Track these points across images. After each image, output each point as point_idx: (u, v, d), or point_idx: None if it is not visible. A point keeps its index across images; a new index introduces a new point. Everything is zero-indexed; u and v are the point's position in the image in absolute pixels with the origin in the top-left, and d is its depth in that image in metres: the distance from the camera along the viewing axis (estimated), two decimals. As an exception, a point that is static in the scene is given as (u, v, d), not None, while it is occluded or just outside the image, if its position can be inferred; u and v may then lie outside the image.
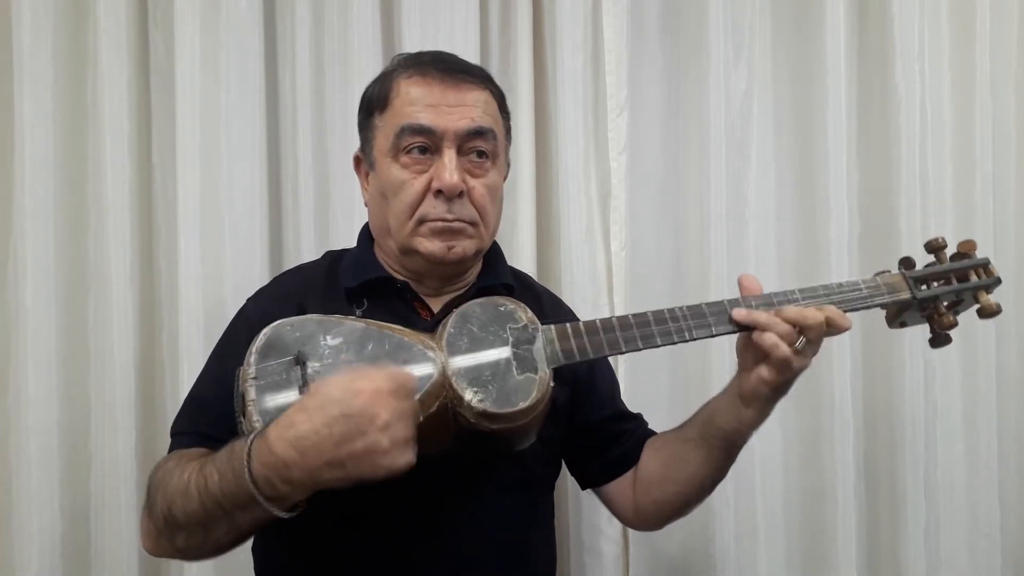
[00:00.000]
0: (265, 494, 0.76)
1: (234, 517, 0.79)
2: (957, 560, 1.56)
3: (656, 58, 1.56)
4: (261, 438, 0.76)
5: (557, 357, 0.89)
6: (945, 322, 1.00)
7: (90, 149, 1.36)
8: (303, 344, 0.83)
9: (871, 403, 1.56)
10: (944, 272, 1.01)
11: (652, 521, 1.09)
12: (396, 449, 0.74)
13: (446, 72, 0.98)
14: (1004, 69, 1.60)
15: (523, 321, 0.89)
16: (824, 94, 1.51)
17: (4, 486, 1.31)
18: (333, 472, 0.74)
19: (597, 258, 1.50)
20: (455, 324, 0.88)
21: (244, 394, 0.81)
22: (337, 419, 0.73)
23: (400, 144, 0.96)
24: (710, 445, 0.98)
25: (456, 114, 0.96)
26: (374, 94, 1.01)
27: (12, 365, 1.32)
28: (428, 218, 0.95)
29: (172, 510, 0.82)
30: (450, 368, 0.84)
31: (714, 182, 1.49)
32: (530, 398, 0.84)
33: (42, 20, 1.33)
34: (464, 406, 0.83)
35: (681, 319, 0.93)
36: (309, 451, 0.73)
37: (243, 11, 1.39)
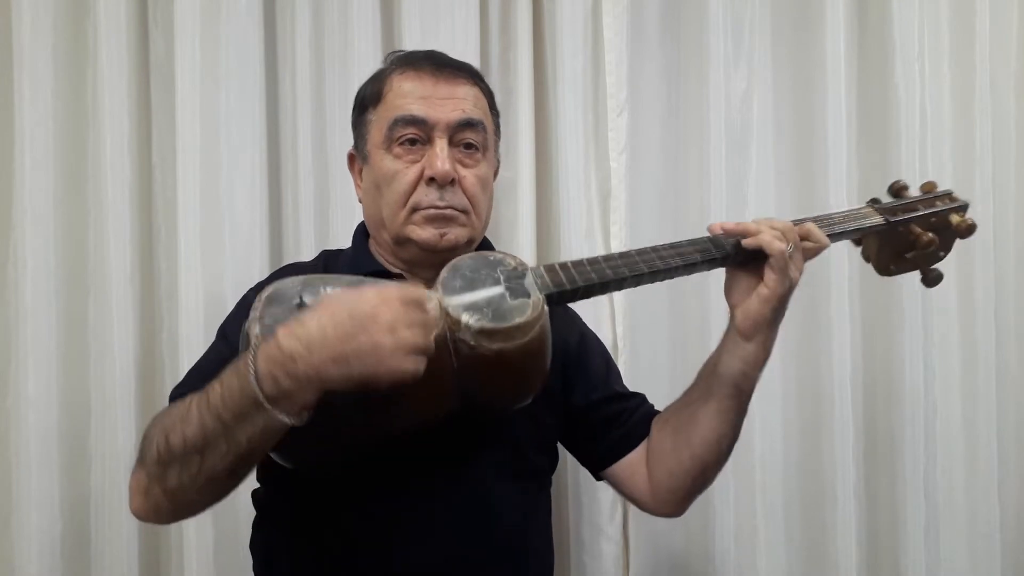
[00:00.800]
0: (268, 393, 0.75)
1: (234, 432, 0.77)
2: (957, 560, 1.56)
3: (656, 58, 1.56)
4: (267, 339, 0.77)
5: (548, 286, 0.90)
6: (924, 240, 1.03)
7: (90, 149, 1.36)
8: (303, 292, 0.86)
9: (871, 402, 1.56)
10: (911, 202, 1.05)
11: (671, 498, 1.06)
12: (400, 352, 0.75)
13: (437, 67, 1.01)
14: (1004, 69, 1.60)
15: (512, 264, 0.92)
16: (824, 94, 1.51)
17: (4, 486, 1.31)
18: (338, 368, 0.75)
19: (597, 258, 1.50)
20: (447, 271, 0.90)
21: (249, 332, 0.82)
22: (342, 316, 0.75)
23: (393, 135, 0.98)
24: (718, 397, 0.98)
25: (448, 106, 0.98)
26: (367, 91, 1.04)
27: (12, 365, 1.32)
28: (420, 206, 0.98)
29: (169, 438, 0.80)
30: (447, 302, 0.85)
31: (714, 182, 1.49)
32: (526, 314, 0.85)
33: (42, 20, 1.33)
34: (462, 328, 0.83)
35: (662, 249, 0.96)
36: (314, 344, 0.74)
37: (243, 11, 1.39)
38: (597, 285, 0.93)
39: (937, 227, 1.05)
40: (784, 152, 1.57)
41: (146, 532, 1.37)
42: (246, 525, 1.05)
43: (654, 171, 1.55)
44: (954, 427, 1.57)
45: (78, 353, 1.35)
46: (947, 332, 1.57)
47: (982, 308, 1.57)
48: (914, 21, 1.53)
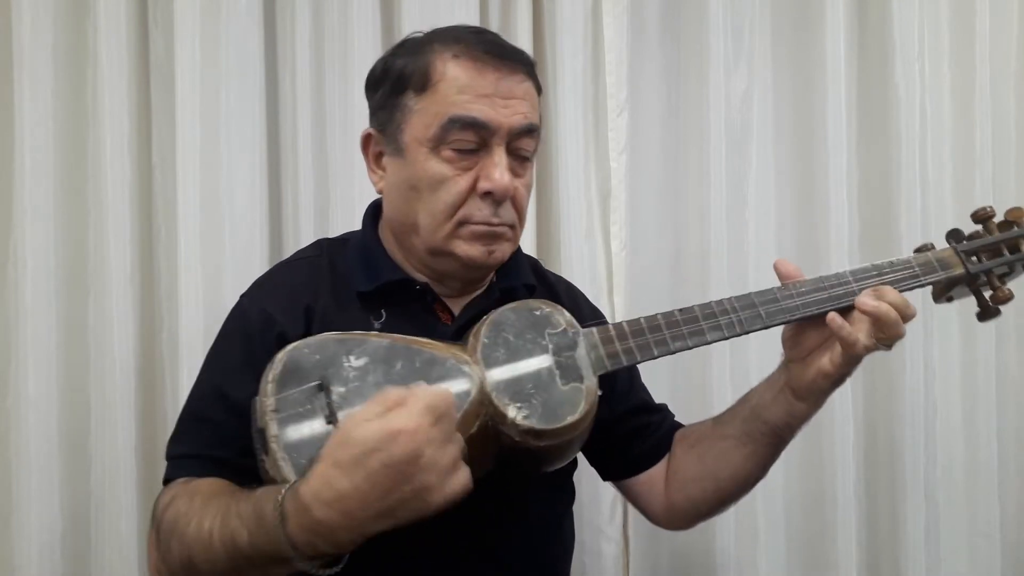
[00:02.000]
0: (306, 554, 0.69)
1: (267, 569, 0.73)
2: (957, 560, 1.56)
3: (656, 58, 1.56)
4: (293, 497, 0.68)
5: (603, 363, 0.83)
6: (1000, 296, 0.95)
7: (90, 149, 1.36)
8: (324, 367, 0.75)
9: (871, 403, 1.56)
10: (994, 243, 0.96)
11: (685, 518, 1.03)
12: (447, 479, 0.68)
13: (500, 57, 0.87)
14: (1004, 69, 1.60)
15: (562, 325, 0.83)
16: (824, 94, 1.51)
17: (4, 486, 1.31)
18: (384, 522, 0.68)
19: (597, 258, 1.50)
20: (488, 334, 0.80)
21: (264, 429, 0.73)
22: (378, 471, 0.66)
23: (446, 137, 0.86)
24: (755, 441, 0.93)
25: (510, 108, 0.86)
26: (408, 69, 0.89)
27: (12, 365, 1.31)
28: (472, 220, 0.87)
29: (194, 561, 0.75)
30: (488, 383, 0.77)
31: (714, 182, 1.49)
32: (578, 411, 0.78)
33: (42, 20, 1.32)
34: (508, 424, 0.76)
35: (731, 311, 0.87)
36: (354, 511, 0.66)
37: (243, 11, 1.39)
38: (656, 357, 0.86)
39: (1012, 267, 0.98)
40: (784, 152, 1.56)
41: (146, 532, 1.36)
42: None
43: (654, 171, 1.55)
44: (954, 427, 1.57)
45: (78, 353, 1.35)
46: (947, 332, 1.57)
47: (982, 308, 1.57)
48: (914, 21, 1.53)
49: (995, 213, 0.98)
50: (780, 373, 0.92)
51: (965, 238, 0.98)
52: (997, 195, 1.58)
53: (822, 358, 0.86)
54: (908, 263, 0.93)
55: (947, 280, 0.96)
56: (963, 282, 0.97)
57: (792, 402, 0.90)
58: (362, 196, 1.39)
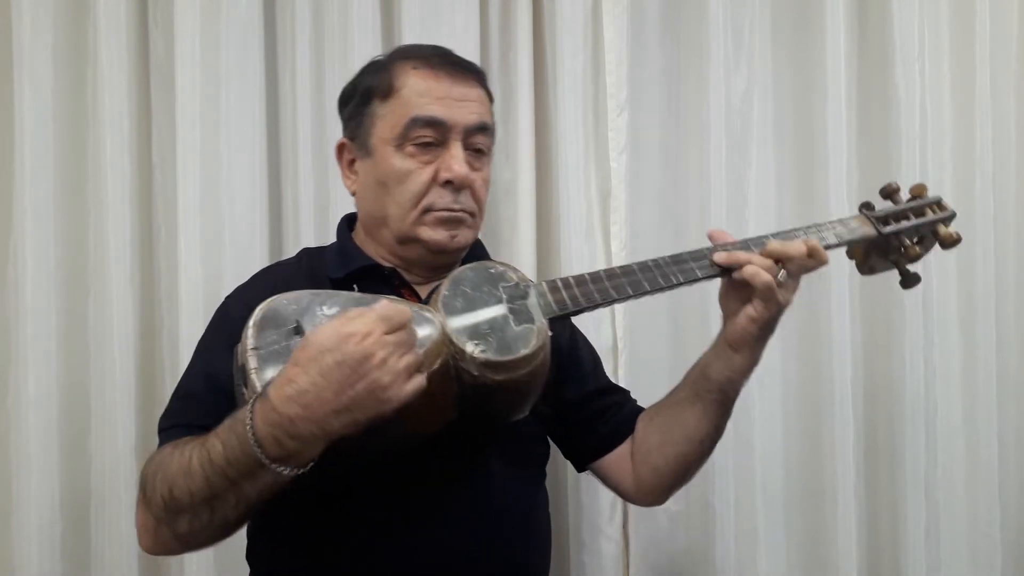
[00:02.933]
0: (272, 455, 0.75)
1: (241, 487, 0.78)
2: (957, 560, 1.56)
3: (656, 58, 1.56)
4: (262, 400, 0.76)
5: (551, 308, 0.91)
6: (912, 253, 1.08)
7: (90, 149, 1.36)
8: (300, 315, 0.83)
9: (871, 403, 1.56)
10: (902, 211, 1.10)
11: (654, 491, 1.09)
12: (399, 380, 0.75)
13: (453, 66, 1.00)
14: (1004, 69, 1.60)
15: (514, 280, 0.91)
16: (824, 94, 1.51)
17: (4, 486, 1.31)
18: (341, 418, 0.75)
19: (597, 258, 1.50)
20: (448, 288, 0.89)
21: (245, 365, 0.80)
22: (332, 368, 0.74)
23: (409, 134, 0.97)
24: (704, 400, 1.00)
25: (464, 108, 0.99)
26: (373, 82, 1.01)
27: (12, 365, 1.32)
28: (435, 207, 0.98)
29: (174, 492, 0.80)
30: (449, 326, 0.85)
31: (714, 182, 1.49)
32: (531, 345, 0.85)
33: (42, 20, 1.33)
34: (467, 359, 0.83)
35: (664, 266, 0.97)
36: (312, 404, 0.74)
37: (243, 11, 1.39)
38: (599, 303, 0.95)
39: (923, 234, 1.10)
40: (784, 152, 1.57)
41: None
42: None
43: (654, 171, 1.55)
44: (954, 427, 1.57)
45: (78, 353, 1.35)
46: (947, 332, 1.57)
47: (982, 308, 1.57)
48: (914, 21, 1.53)
49: (900, 188, 1.12)
50: (720, 332, 1.01)
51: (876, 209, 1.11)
52: (997, 195, 1.59)
53: (745, 309, 0.95)
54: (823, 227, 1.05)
55: (861, 243, 1.09)
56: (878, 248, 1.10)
57: (731, 355, 0.98)
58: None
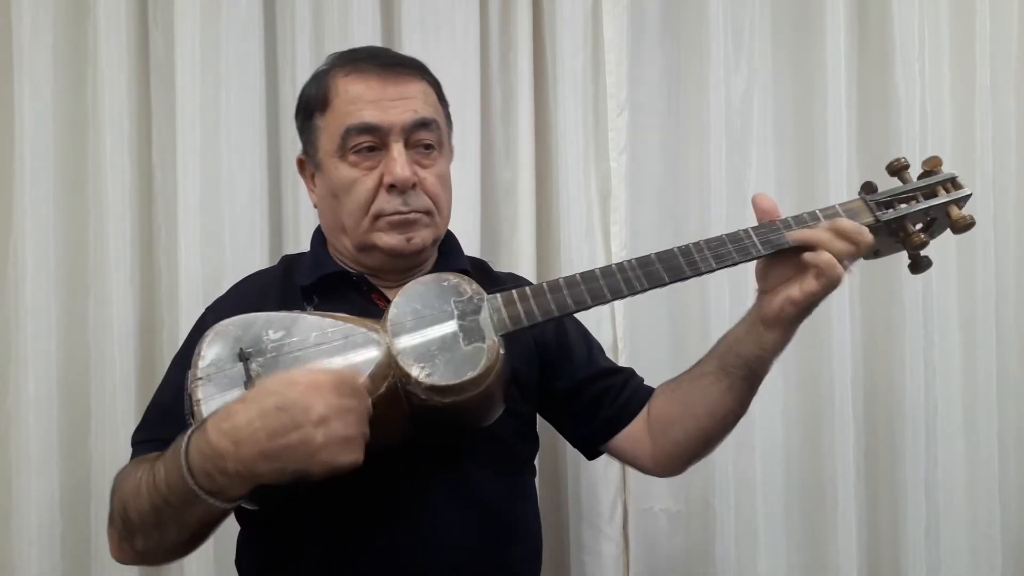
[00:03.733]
0: (204, 487, 0.74)
1: (182, 514, 0.78)
2: (957, 560, 1.56)
3: (656, 58, 1.56)
4: (200, 430, 0.76)
5: (504, 324, 0.87)
6: (915, 240, 0.95)
7: (90, 149, 1.36)
8: (245, 341, 0.83)
9: (871, 403, 1.56)
10: (910, 191, 0.97)
11: (673, 463, 1.06)
12: (333, 445, 0.73)
13: (383, 67, 0.98)
14: (1004, 69, 1.60)
15: (468, 293, 0.88)
16: (824, 94, 1.51)
17: (4, 485, 1.31)
18: (269, 464, 0.73)
19: (597, 258, 1.50)
20: (398, 304, 0.87)
21: (191, 394, 0.81)
22: (271, 411, 0.73)
23: (347, 144, 0.96)
24: (731, 376, 0.97)
25: (399, 107, 0.96)
26: (311, 95, 1.00)
27: (12, 365, 1.32)
28: (384, 213, 0.96)
29: (127, 511, 0.81)
30: (395, 348, 0.83)
31: (714, 182, 1.49)
32: (479, 367, 0.82)
33: (42, 20, 1.33)
34: (412, 383, 0.81)
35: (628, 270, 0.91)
36: (243, 442, 0.72)
37: (243, 11, 1.39)
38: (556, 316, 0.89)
39: (933, 217, 0.97)
40: (784, 152, 1.56)
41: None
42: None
43: (654, 171, 1.55)
44: (954, 427, 1.57)
45: (78, 353, 1.35)
46: (947, 332, 1.57)
47: (982, 308, 1.57)
48: (914, 21, 1.53)
49: (909, 164, 0.99)
50: (753, 308, 0.96)
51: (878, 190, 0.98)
52: (997, 195, 1.59)
53: (791, 287, 0.90)
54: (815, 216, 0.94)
55: None
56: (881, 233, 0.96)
57: (762, 332, 0.94)
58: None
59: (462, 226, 1.17)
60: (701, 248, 0.93)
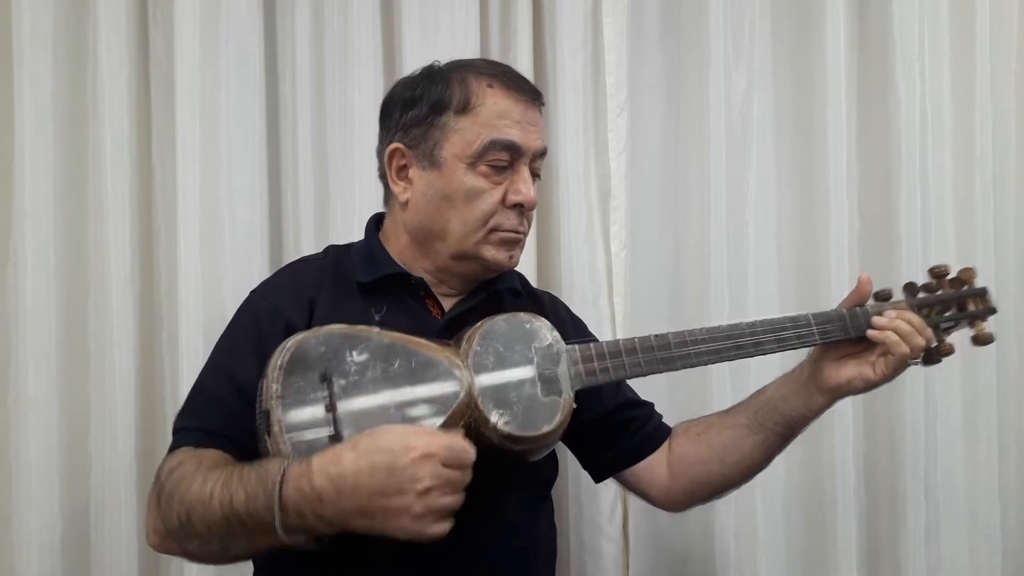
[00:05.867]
0: (290, 523, 0.75)
1: (255, 538, 0.78)
2: (957, 560, 1.56)
3: (656, 58, 1.56)
4: (302, 464, 0.76)
5: (581, 379, 0.91)
6: (943, 348, 1.07)
7: (90, 149, 1.36)
8: (328, 360, 0.82)
9: (871, 403, 1.56)
10: (944, 299, 1.09)
11: (686, 500, 1.10)
12: (429, 517, 0.75)
13: (525, 90, 1.01)
14: (1004, 69, 1.60)
15: (548, 340, 0.91)
16: (824, 94, 1.51)
17: (4, 486, 1.31)
18: (363, 520, 0.75)
19: (597, 258, 1.50)
20: (481, 342, 0.89)
21: (269, 412, 0.80)
22: (381, 469, 0.74)
23: (486, 155, 0.96)
24: (767, 431, 1.01)
25: (534, 133, 1.00)
26: (447, 95, 0.98)
27: (12, 365, 1.32)
28: (501, 228, 0.98)
29: (191, 518, 0.81)
30: (476, 387, 0.85)
31: (714, 182, 1.49)
32: (554, 421, 0.87)
33: (42, 20, 1.33)
34: (489, 427, 0.84)
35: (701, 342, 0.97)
36: (346, 493, 0.74)
37: (243, 11, 1.39)
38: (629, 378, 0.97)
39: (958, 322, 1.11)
40: (784, 152, 1.56)
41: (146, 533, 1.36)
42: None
43: (654, 171, 1.55)
44: (954, 427, 1.57)
45: (78, 353, 1.35)
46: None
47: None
48: (914, 21, 1.53)
49: (949, 271, 1.10)
50: (803, 369, 1.02)
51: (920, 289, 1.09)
52: (997, 195, 1.59)
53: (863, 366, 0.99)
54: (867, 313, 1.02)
55: None
56: None
57: (814, 396, 1.00)
58: (362, 196, 1.40)
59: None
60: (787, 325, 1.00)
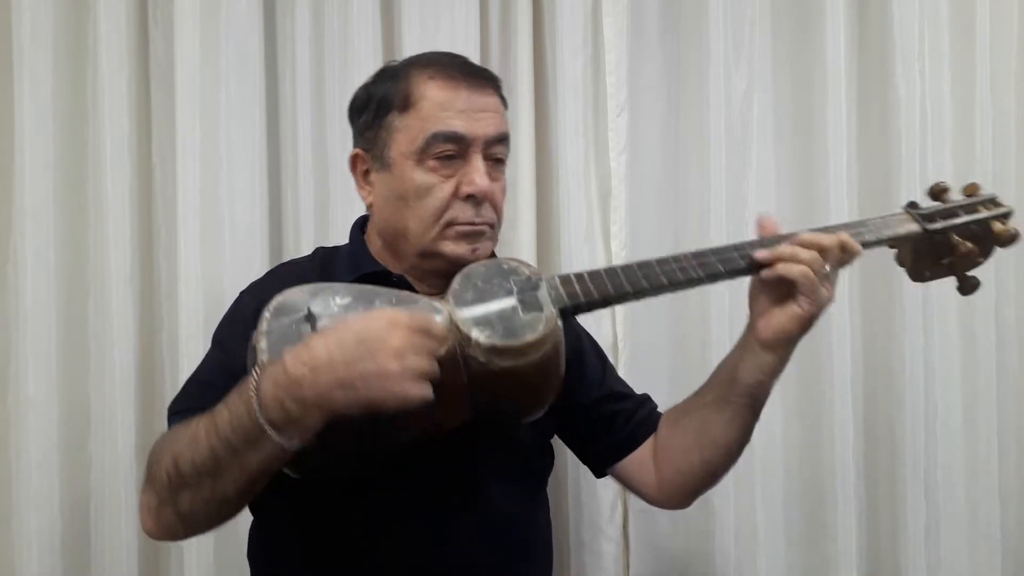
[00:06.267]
0: (273, 418, 0.75)
1: (243, 456, 0.77)
2: (957, 560, 1.56)
3: (656, 58, 1.56)
4: (274, 363, 0.77)
5: (562, 299, 0.89)
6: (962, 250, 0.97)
7: (90, 149, 1.36)
8: (313, 303, 0.85)
9: (871, 403, 1.56)
10: (952, 208, 0.99)
11: (679, 493, 1.07)
12: (407, 377, 0.75)
13: (470, 75, 0.98)
14: (1004, 69, 1.60)
15: (526, 273, 0.90)
16: (824, 94, 1.51)
17: (4, 486, 1.31)
18: (345, 393, 0.74)
19: (597, 258, 1.50)
20: (459, 281, 0.89)
21: (256, 346, 0.81)
22: (349, 341, 0.75)
23: (430, 149, 0.95)
24: (733, 405, 0.97)
25: (484, 119, 0.96)
26: (389, 93, 0.98)
27: (12, 365, 1.32)
28: (457, 221, 0.96)
29: (179, 463, 0.80)
30: (456, 315, 0.85)
31: (714, 182, 1.49)
32: (538, 331, 0.84)
33: (42, 20, 1.33)
34: (472, 345, 0.83)
35: (683, 259, 0.93)
36: (321, 369, 0.74)
37: (243, 11, 1.39)
38: (613, 297, 0.91)
39: (977, 234, 1.00)
40: (784, 152, 1.56)
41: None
42: (245, 523, 1.05)
43: (654, 171, 1.55)
44: (954, 427, 1.57)
45: (78, 353, 1.35)
46: (947, 332, 1.57)
47: (982, 308, 1.57)
48: (914, 21, 1.53)
49: (950, 188, 1.02)
50: (748, 333, 0.97)
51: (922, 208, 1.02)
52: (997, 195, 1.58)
53: (790, 305, 0.91)
54: (864, 223, 0.98)
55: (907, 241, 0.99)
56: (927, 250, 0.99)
57: (762, 356, 0.94)
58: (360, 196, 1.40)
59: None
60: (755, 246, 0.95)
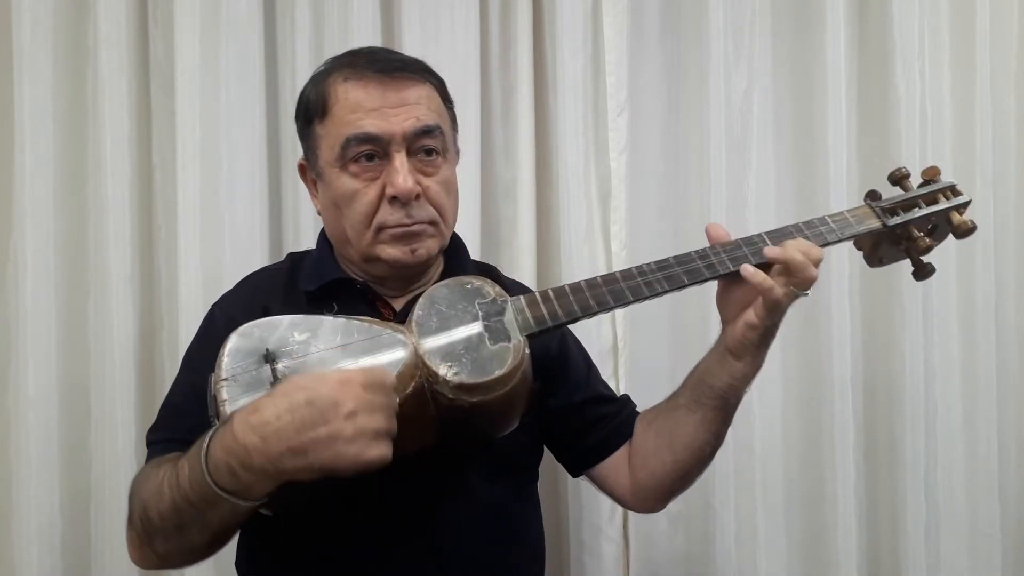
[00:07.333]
0: (225, 485, 0.74)
1: (204, 514, 0.77)
2: (957, 560, 1.56)
3: (656, 58, 1.56)
4: (226, 426, 0.75)
5: (529, 324, 0.87)
6: (921, 245, 1.00)
7: (90, 149, 1.36)
8: (270, 342, 0.83)
9: (871, 403, 1.56)
10: (911, 199, 1.01)
11: (652, 498, 1.05)
12: (362, 439, 0.72)
13: (384, 71, 0.94)
14: (1004, 69, 1.61)
15: (491, 295, 0.88)
16: (824, 94, 1.51)
17: (4, 486, 1.31)
18: (296, 460, 0.72)
19: (597, 258, 1.50)
20: (423, 307, 0.86)
21: (216, 395, 0.80)
22: (301, 405, 0.72)
23: (347, 154, 0.93)
24: (704, 407, 0.96)
25: (401, 115, 0.92)
26: (310, 100, 0.97)
27: (12, 365, 1.32)
28: (387, 225, 0.94)
29: (148, 512, 0.81)
30: (422, 348, 0.83)
31: (714, 182, 1.49)
32: (506, 365, 0.82)
33: (42, 20, 1.33)
34: (440, 382, 0.81)
35: (648, 273, 0.92)
36: (271, 436, 0.72)
37: (243, 11, 1.39)
38: (580, 316, 0.90)
39: (936, 224, 1.02)
40: (784, 152, 1.57)
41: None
42: (245, 524, 1.05)
43: (654, 171, 1.55)
44: (954, 427, 1.57)
45: (78, 353, 1.35)
46: (947, 332, 1.57)
47: (982, 308, 1.57)
48: (914, 21, 1.53)
49: (910, 173, 1.03)
50: (719, 338, 0.96)
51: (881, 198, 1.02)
52: (997, 195, 1.59)
53: (745, 316, 0.91)
54: (824, 221, 0.98)
55: (868, 236, 1.00)
56: (886, 240, 1.01)
57: (731, 362, 0.94)
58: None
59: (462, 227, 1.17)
60: (718, 251, 0.94)
